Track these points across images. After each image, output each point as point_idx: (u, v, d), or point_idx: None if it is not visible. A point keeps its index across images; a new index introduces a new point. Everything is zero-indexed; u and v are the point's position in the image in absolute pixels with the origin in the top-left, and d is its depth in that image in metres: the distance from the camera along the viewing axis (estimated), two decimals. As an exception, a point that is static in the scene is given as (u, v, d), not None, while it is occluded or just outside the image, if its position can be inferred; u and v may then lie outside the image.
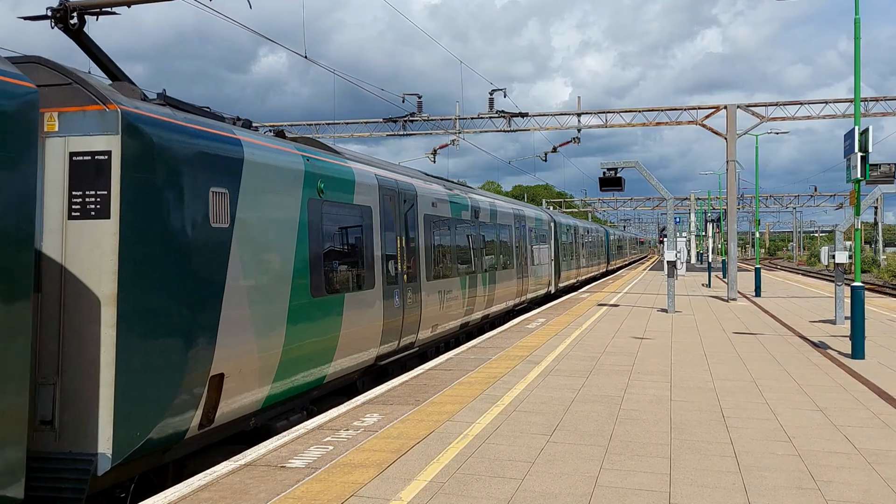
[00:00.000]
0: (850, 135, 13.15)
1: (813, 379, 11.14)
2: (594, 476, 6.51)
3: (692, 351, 14.06)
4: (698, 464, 6.87)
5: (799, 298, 27.73)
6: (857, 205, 13.81)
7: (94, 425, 6.26)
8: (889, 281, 53.16)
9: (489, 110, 30.34)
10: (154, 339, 6.77)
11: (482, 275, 18.25)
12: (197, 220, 7.29)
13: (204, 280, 7.37)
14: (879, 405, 9.35)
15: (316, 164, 10.00)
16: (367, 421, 8.58)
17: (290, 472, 6.66)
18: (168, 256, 6.93)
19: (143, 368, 6.58)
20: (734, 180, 27.85)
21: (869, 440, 7.71)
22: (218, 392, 7.56)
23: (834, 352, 13.86)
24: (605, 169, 21.64)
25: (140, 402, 6.53)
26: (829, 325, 18.50)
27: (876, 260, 66.97)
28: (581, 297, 28.69)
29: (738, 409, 9.10)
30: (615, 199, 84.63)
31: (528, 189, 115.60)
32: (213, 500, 5.98)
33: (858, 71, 13.53)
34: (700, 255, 67.57)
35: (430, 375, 11.53)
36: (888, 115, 27.56)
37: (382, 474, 6.59)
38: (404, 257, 12.99)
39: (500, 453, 7.23)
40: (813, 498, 5.97)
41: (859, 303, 13.16)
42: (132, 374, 6.44)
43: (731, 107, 27.44)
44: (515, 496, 6.02)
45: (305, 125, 32.53)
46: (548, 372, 11.72)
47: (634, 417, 8.68)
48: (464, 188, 20.46)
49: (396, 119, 30.99)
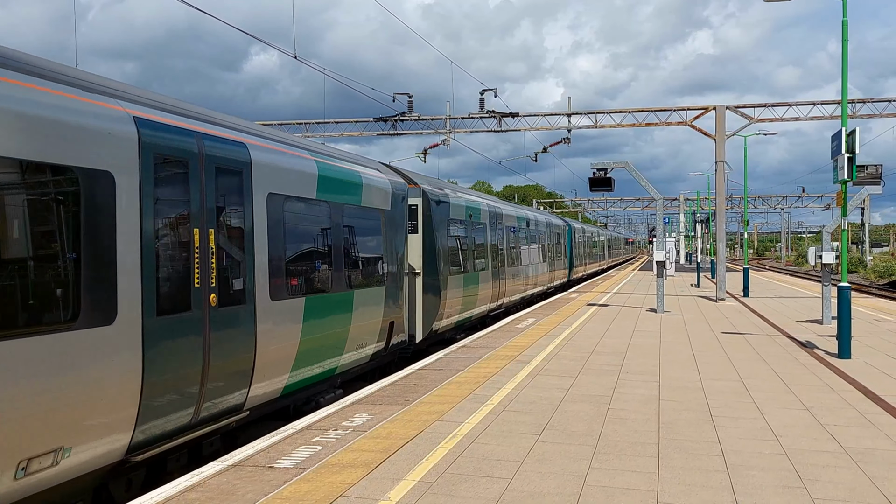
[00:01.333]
0: (838, 136, 13.22)
1: (800, 378, 11.21)
2: (583, 475, 6.53)
3: (681, 351, 14.11)
4: (686, 463, 6.90)
5: (786, 298, 27.88)
6: (844, 206, 13.89)
7: (414, 325, 15.28)
8: (875, 281, 53.54)
9: (480, 110, 30.37)
10: (430, 293, 15.80)
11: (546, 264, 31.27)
12: (446, 231, 16.94)
13: (437, 267, 16.13)
14: (866, 404, 9.42)
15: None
16: (356, 421, 8.57)
17: (278, 473, 6.64)
18: (437, 252, 16.07)
19: (428, 304, 15.69)
20: (723, 181, 27.98)
21: (855, 439, 7.76)
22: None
23: (821, 351, 13.95)
24: (595, 169, 21.68)
25: (429, 316, 15.68)
26: (816, 324, 18.62)
27: (862, 260, 67.45)
28: (571, 297, 28.74)
29: (725, 409, 9.14)
30: (605, 200, 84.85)
31: (518, 189, 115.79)
32: (200, 500, 5.96)
33: (846, 73, 13.62)
34: (689, 256, 67.88)
35: (420, 375, 11.53)
36: (875, 116, 27.77)
37: (371, 474, 6.58)
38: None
39: (489, 453, 7.24)
40: (799, 496, 6.01)
41: (846, 303, 13.24)
42: (426, 306, 15.61)
43: (721, 108, 27.57)
44: (504, 496, 6.02)
45: (296, 124, 32.46)
46: (537, 372, 11.74)
47: (623, 417, 8.70)
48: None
49: (387, 118, 30.96)
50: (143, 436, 6.89)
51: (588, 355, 13.49)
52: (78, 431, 6.10)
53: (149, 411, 6.90)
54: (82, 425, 6.14)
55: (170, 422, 7.26)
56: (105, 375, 6.33)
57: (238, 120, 9.68)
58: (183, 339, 7.33)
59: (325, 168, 10.94)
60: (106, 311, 6.37)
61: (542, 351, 14.02)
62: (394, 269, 13.44)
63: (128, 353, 6.61)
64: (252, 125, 9.99)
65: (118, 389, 6.49)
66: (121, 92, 7.23)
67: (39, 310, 5.78)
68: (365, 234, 12.30)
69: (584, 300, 26.80)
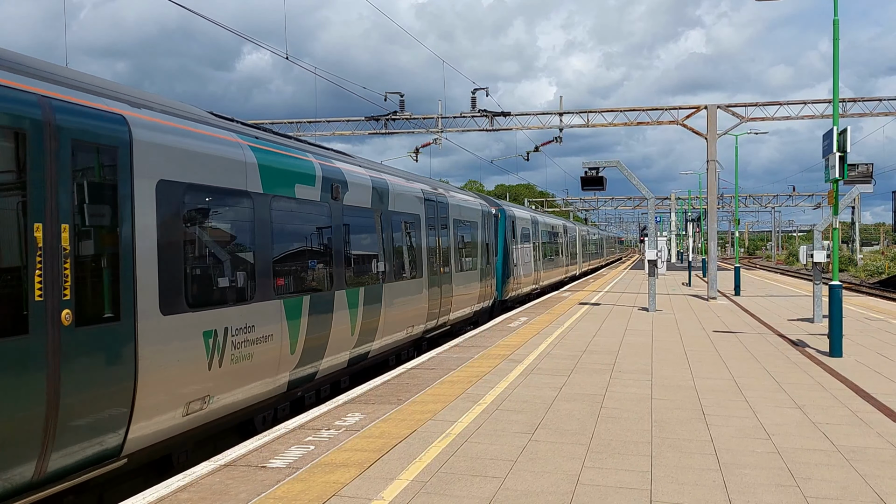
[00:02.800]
0: (829, 135, 13.27)
1: (792, 377, 11.24)
2: (576, 474, 6.52)
3: (673, 350, 14.14)
4: (679, 461, 6.91)
5: (778, 297, 27.98)
6: (836, 204, 13.94)
7: (498, 293, 24.13)
8: (866, 280, 53.83)
9: (472, 109, 30.35)
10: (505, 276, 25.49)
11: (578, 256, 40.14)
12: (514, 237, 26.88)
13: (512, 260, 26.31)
14: (857, 403, 9.45)
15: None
16: (349, 420, 8.54)
17: (271, 472, 6.61)
18: (509, 250, 26.60)
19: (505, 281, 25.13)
20: (715, 180, 28.06)
21: (847, 437, 7.78)
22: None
23: (812, 350, 14.00)
24: (587, 168, 21.71)
25: (506, 287, 25.33)
26: (807, 323, 18.69)
27: (853, 259, 67.83)
28: (563, 296, 28.77)
29: (718, 408, 9.16)
30: (596, 199, 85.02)
31: (510, 188, 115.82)
32: (193, 500, 5.92)
33: (837, 72, 13.67)
34: (680, 255, 68.08)
35: (412, 374, 11.51)
36: (866, 115, 27.89)
37: (364, 474, 6.56)
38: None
39: (483, 452, 7.23)
40: (792, 494, 6.02)
41: (837, 301, 13.29)
42: (504, 282, 25.36)
43: (712, 107, 27.64)
44: (498, 495, 6.01)
45: (287, 123, 32.37)
46: (529, 371, 11.73)
47: (616, 416, 8.71)
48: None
49: (378, 118, 30.89)
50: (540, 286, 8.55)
51: (580, 354, 13.50)
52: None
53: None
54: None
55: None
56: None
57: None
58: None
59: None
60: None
61: (534, 350, 14.02)
62: (485, 263, 21.39)
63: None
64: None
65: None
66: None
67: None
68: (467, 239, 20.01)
69: (576, 299, 26.84)
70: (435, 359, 13.06)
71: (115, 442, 6.68)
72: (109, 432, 6.59)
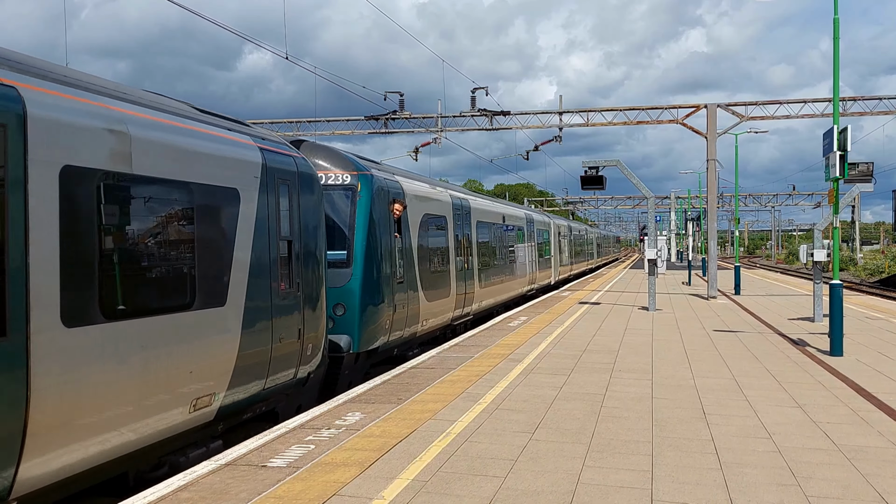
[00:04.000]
0: (829, 134, 13.26)
1: (792, 376, 11.23)
2: (577, 473, 6.51)
3: (673, 349, 14.13)
4: (680, 461, 6.90)
5: (778, 296, 27.98)
6: (836, 203, 13.94)
7: (549, 276, 34.07)
8: (866, 279, 53.85)
9: (471, 109, 30.34)
10: (555, 265, 35.54)
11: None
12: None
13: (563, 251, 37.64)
14: (858, 402, 9.44)
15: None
16: (349, 419, 8.53)
17: (271, 472, 6.60)
18: (563, 246, 38.74)
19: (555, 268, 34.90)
20: (714, 179, 28.05)
21: (848, 437, 7.78)
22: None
23: (813, 349, 13.99)
24: (587, 167, 21.70)
25: (556, 272, 35.87)
26: (807, 322, 18.68)
27: (853, 258, 67.84)
28: (562, 295, 28.77)
29: (718, 407, 9.15)
30: (596, 199, 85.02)
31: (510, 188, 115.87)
32: (193, 500, 5.92)
33: (837, 71, 13.66)
34: (680, 254, 68.09)
35: (413, 374, 11.50)
36: (866, 114, 27.89)
37: (364, 473, 6.55)
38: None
39: (483, 451, 7.22)
40: (793, 494, 6.01)
41: (838, 300, 13.28)
42: (555, 268, 35.51)
43: (712, 106, 27.62)
44: (498, 494, 6.00)
45: (287, 123, 32.37)
46: (530, 370, 11.73)
47: (616, 415, 8.70)
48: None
49: (378, 117, 30.88)
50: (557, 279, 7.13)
51: (580, 353, 13.49)
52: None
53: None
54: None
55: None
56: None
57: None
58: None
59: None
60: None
61: (534, 349, 14.01)
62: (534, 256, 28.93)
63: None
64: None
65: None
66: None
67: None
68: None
69: (576, 298, 26.83)
70: (435, 358, 13.05)
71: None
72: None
